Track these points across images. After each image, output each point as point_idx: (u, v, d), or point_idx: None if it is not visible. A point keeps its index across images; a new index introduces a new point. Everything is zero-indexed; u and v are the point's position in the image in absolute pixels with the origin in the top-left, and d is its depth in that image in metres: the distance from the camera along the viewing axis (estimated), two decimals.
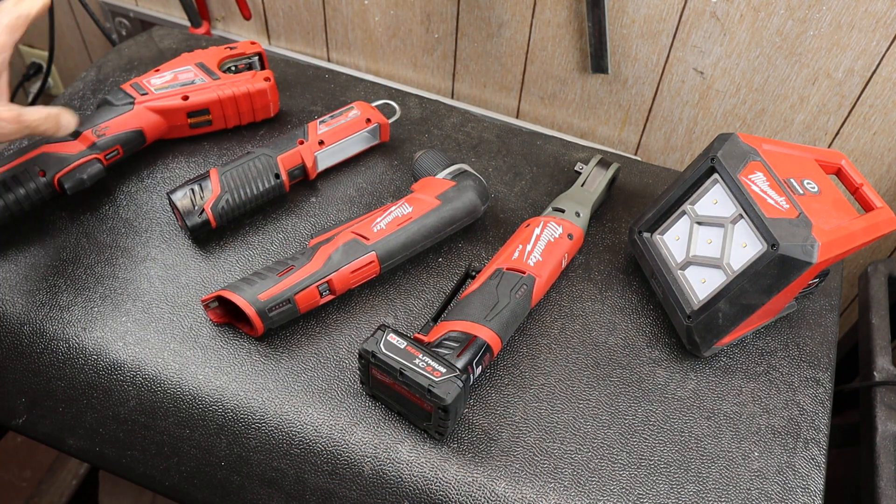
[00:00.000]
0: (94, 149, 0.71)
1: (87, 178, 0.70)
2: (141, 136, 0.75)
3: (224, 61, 0.81)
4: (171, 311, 0.65)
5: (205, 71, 0.78)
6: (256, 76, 0.80)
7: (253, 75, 0.80)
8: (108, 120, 0.72)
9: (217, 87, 0.77)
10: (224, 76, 0.78)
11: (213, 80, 0.78)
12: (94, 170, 0.70)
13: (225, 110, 0.79)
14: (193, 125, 0.79)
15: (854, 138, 0.90)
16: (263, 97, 0.80)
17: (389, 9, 1.03)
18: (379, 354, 0.56)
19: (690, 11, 0.86)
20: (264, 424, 0.60)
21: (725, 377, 0.65)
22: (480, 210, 0.72)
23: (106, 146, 0.72)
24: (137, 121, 0.74)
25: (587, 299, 0.70)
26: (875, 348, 0.78)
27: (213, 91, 0.77)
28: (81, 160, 0.70)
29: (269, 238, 0.72)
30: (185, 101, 0.76)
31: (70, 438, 0.65)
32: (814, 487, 0.58)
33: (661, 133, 1.00)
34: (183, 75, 0.78)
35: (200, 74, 0.78)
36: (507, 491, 0.57)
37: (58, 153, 0.69)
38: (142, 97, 0.75)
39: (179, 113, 0.77)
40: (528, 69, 1.01)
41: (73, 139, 0.70)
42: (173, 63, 0.79)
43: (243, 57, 0.82)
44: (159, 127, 0.76)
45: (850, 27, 0.81)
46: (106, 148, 0.72)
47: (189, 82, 0.77)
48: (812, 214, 0.58)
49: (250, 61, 0.83)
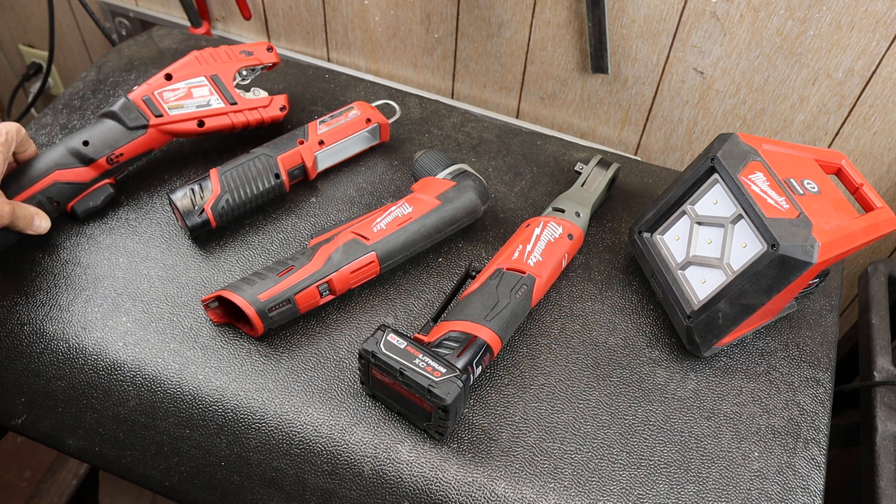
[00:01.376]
0: (105, 174, 0.71)
1: (100, 204, 0.71)
2: (150, 153, 0.75)
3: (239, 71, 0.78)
4: (171, 311, 0.65)
5: (220, 89, 0.75)
6: (273, 103, 0.78)
7: (269, 101, 0.78)
8: (123, 146, 0.70)
9: (233, 114, 0.75)
10: (241, 100, 0.76)
11: (229, 105, 0.75)
12: (107, 195, 0.72)
13: (236, 130, 0.79)
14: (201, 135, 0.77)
15: (854, 138, 0.90)
16: (276, 122, 0.80)
17: (389, 9, 1.02)
18: (379, 354, 0.56)
19: (690, 11, 0.86)
20: (264, 424, 0.60)
21: (725, 377, 0.65)
22: (480, 210, 0.72)
23: (118, 170, 0.72)
24: (151, 143, 0.73)
25: (587, 299, 0.70)
26: (875, 348, 0.78)
27: (229, 118, 0.75)
28: (94, 187, 0.71)
29: (269, 238, 0.72)
30: (201, 128, 0.74)
31: (70, 438, 0.65)
32: (814, 487, 0.58)
33: (661, 133, 1.00)
34: (197, 91, 0.74)
35: (216, 94, 0.75)
36: (507, 491, 0.57)
37: (71, 182, 0.69)
38: (156, 119, 0.71)
39: (192, 134, 0.75)
40: (528, 69, 1.01)
41: (84, 166, 0.69)
42: (185, 68, 0.74)
43: (259, 66, 0.79)
44: (168, 141, 0.76)
45: (850, 27, 0.81)
46: (117, 172, 0.72)
47: (204, 104, 0.74)
48: (812, 214, 0.58)
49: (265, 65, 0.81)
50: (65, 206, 0.70)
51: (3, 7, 1.39)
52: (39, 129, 0.81)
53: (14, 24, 1.41)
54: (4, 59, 1.51)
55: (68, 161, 0.68)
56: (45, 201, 0.67)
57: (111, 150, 0.70)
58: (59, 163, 0.68)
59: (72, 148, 0.68)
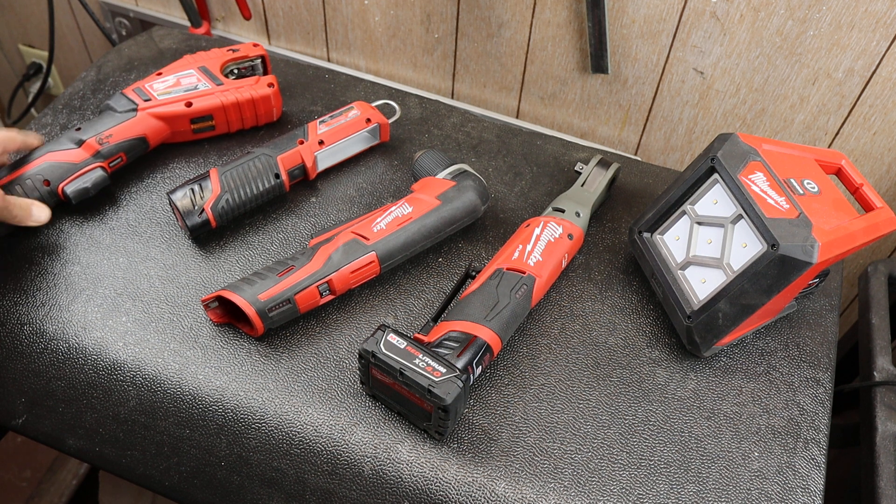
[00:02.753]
0: (97, 157, 0.71)
1: (91, 187, 0.70)
2: (144, 142, 0.75)
3: (227, 64, 0.81)
4: (171, 311, 0.65)
5: (208, 76, 0.77)
6: (260, 82, 0.79)
7: (256, 81, 0.79)
8: (112, 127, 0.72)
9: (220, 93, 0.77)
10: (227, 82, 0.78)
11: (216, 86, 0.77)
12: (98, 178, 0.70)
13: (228, 116, 0.79)
14: (196, 130, 0.79)
15: (854, 138, 0.90)
16: (267, 103, 0.80)
17: (389, 9, 1.02)
18: (379, 354, 0.56)
19: (690, 11, 0.86)
20: (264, 424, 0.60)
21: (725, 377, 0.65)
22: (480, 210, 0.72)
23: (109, 154, 0.72)
24: (140, 127, 0.74)
25: (587, 299, 0.70)
26: (875, 348, 0.78)
27: (217, 97, 0.77)
28: (85, 169, 0.70)
29: (269, 238, 0.72)
30: (189, 108, 0.75)
31: (70, 438, 0.65)
32: (814, 487, 0.58)
33: (661, 133, 1.00)
34: (186, 80, 0.77)
35: (204, 79, 0.77)
36: (507, 491, 0.57)
37: (61, 162, 0.69)
38: (145, 103, 0.74)
39: (183, 119, 0.76)
40: (528, 69, 1.01)
41: (76, 147, 0.70)
42: (175, 66, 0.79)
43: (246, 60, 0.82)
44: (162, 132, 0.76)
45: (850, 27, 0.81)
46: (110, 156, 0.72)
47: (192, 88, 0.76)
48: (812, 214, 0.58)
49: (253, 64, 0.83)
50: (57, 188, 0.69)
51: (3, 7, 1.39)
52: (39, 129, 0.81)
53: (14, 24, 1.41)
54: (4, 59, 1.51)
55: (60, 143, 0.70)
56: (35, 181, 0.68)
57: (101, 131, 0.71)
58: (51, 147, 0.70)
59: (64, 133, 0.71)
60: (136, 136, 0.73)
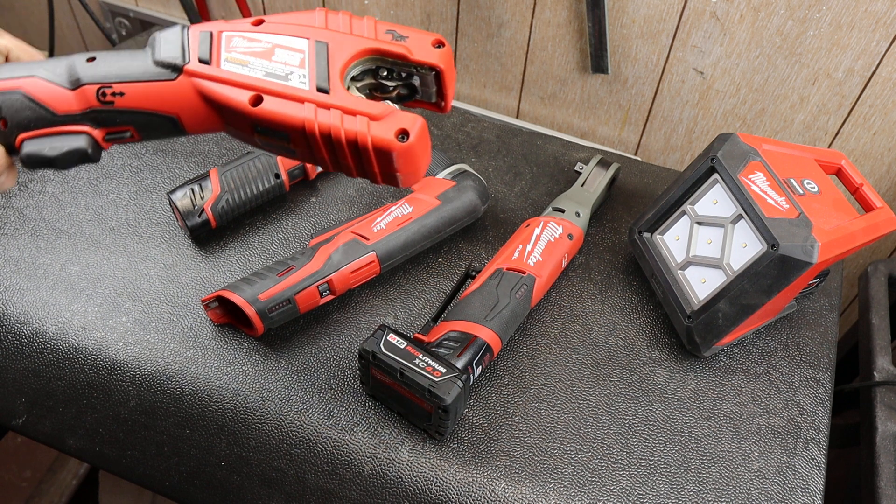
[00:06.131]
0: (89, 117, 0.44)
1: (56, 158, 0.43)
2: (174, 125, 0.45)
3: (369, 56, 0.46)
4: (171, 311, 0.65)
5: (316, 64, 0.45)
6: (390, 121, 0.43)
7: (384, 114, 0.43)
8: (129, 82, 0.43)
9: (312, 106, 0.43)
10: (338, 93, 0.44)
11: (315, 92, 0.44)
12: (75, 149, 0.43)
13: (314, 150, 0.44)
14: (265, 144, 0.46)
15: (854, 138, 0.90)
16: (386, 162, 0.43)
17: (389, 9, 1.02)
18: (379, 354, 0.56)
19: (690, 11, 0.86)
20: (264, 424, 0.60)
21: (725, 377, 0.65)
22: (480, 210, 0.72)
23: (109, 121, 0.44)
24: (175, 101, 0.44)
25: (587, 299, 0.70)
26: (875, 348, 0.78)
27: (303, 110, 0.43)
28: (64, 128, 0.44)
29: (269, 238, 0.72)
30: (253, 108, 0.43)
31: (70, 438, 0.65)
32: (814, 487, 0.58)
33: (661, 133, 1.00)
34: (283, 54, 0.45)
35: (306, 68, 0.44)
36: (507, 491, 0.57)
37: (37, 100, 0.43)
38: (197, 65, 0.44)
39: (241, 118, 0.44)
40: (528, 69, 1.01)
41: (67, 89, 0.43)
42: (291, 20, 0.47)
43: (408, 64, 0.47)
44: (206, 122, 0.45)
45: (850, 27, 0.81)
46: (109, 124, 0.44)
47: (281, 74, 0.44)
48: (812, 214, 0.58)
49: (420, 74, 0.47)
50: (14, 136, 0.43)
51: (3, 7, 1.39)
52: None
53: (14, 24, 1.41)
54: None
55: (53, 69, 0.43)
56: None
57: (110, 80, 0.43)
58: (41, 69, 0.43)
59: (68, 60, 0.44)
60: (160, 110, 0.44)
